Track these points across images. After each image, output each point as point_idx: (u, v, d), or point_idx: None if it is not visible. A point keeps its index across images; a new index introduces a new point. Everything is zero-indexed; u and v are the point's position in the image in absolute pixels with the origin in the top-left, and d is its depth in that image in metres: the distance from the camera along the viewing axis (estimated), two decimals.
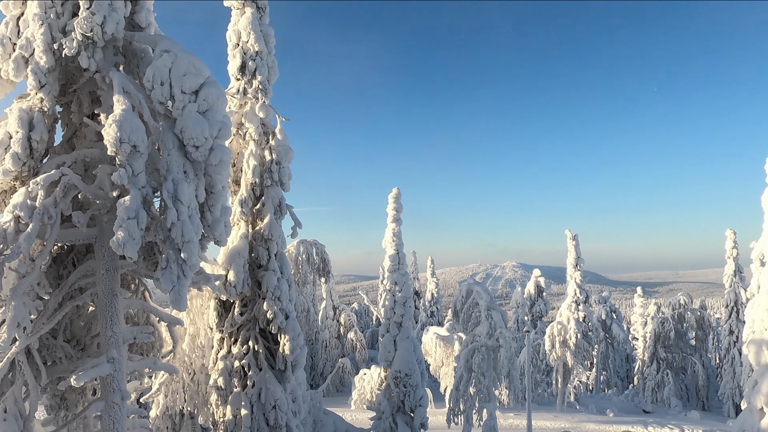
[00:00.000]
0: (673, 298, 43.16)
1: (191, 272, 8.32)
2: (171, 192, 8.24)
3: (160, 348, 11.52)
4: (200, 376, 14.60)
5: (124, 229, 7.78)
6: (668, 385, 39.16)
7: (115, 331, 9.38)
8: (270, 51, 14.04)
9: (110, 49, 9.14)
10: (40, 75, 8.53)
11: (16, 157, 8.56)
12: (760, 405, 12.23)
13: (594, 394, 46.06)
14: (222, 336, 13.93)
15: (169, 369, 10.82)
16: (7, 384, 9.02)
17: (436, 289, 53.62)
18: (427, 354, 32.85)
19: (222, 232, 9.18)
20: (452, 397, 22.16)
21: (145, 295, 11.27)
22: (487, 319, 22.28)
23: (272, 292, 13.32)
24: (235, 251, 13.38)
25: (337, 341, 44.18)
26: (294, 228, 14.07)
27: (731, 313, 37.36)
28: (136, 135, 8.03)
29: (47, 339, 9.88)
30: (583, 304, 36.12)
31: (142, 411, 13.63)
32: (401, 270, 20.53)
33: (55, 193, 8.35)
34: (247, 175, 13.64)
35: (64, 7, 8.63)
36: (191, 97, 8.52)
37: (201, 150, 8.53)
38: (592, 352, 38.77)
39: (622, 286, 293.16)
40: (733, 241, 37.13)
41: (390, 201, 21.08)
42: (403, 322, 20.14)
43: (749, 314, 13.29)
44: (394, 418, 19.45)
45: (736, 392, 35.63)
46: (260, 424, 13.16)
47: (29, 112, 8.73)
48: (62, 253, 10.15)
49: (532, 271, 46.80)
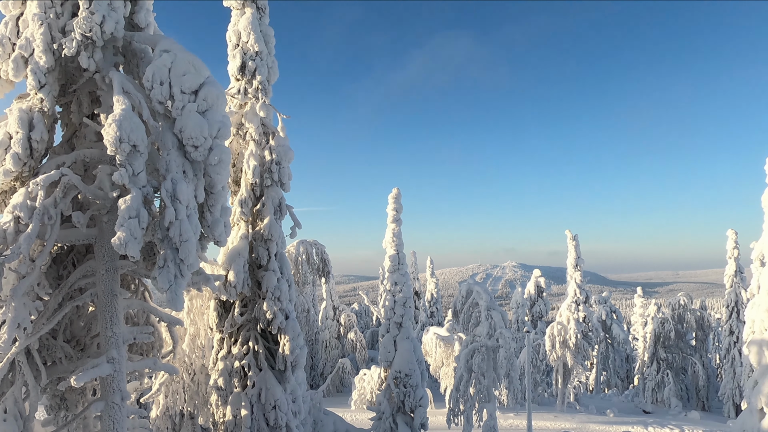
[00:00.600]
0: (673, 298, 43.12)
1: (189, 272, 8.31)
2: (170, 191, 8.24)
3: (160, 348, 11.51)
4: (200, 376, 14.60)
5: (126, 228, 7.78)
6: (668, 385, 39.15)
7: (115, 331, 9.38)
8: (270, 51, 14.05)
9: (110, 49, 9.14)
10: (39, 75, 8.53)
11: (16, 157, 8.56)
12: (760, 405, 12.22)
13: (594, 394, 46.06)
14: (222, 336, 13.93)
15: (169, 369, 10.82)
16: (7, 384, 9.01)
17: (435, 290, 53.62)
18: (427, 354, 32.86)
19: (221, 232, 9.18)
20: (452, 397, 22.16)
21: (145, 296, 11.27)
22: (487, 319, 22.28)
23: (272, 293, 13.32)
24: (235, 251, 13.38)
25: (337, 341, 44.17)
26: (293, 228, 14.07)
27: (732, 314, 37.33)
28: (136, 135, 8.03)
29: (47, 339, 9.88)
30: (583, 304, 36.12)
31: (142, 411, 13.63)
32: (401, 270, 20.53)
33: (55, 194, 8.35)
34: (247, 176, 13.64)
35: (64, 7, 8.63)
36: (191, 97, 8.51)
37: (200, 150, 8.53)
38: (592, 353, 38.75)
39: (622, 286, 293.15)
40: (734, 241, 37.10)
41: (390, 201, 21.08)
42: (403, 322, 20.14)
43: (749, 314, 13.28)
44: (394, 418, 19.44)
45: (737, 392, 35.61)
46: (260, 425, 13.16)
47: (29, 113, 8.73)
48: (62, 253, 10.15)
49: (532, 272, 46.78)
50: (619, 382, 47.59)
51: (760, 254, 13.78)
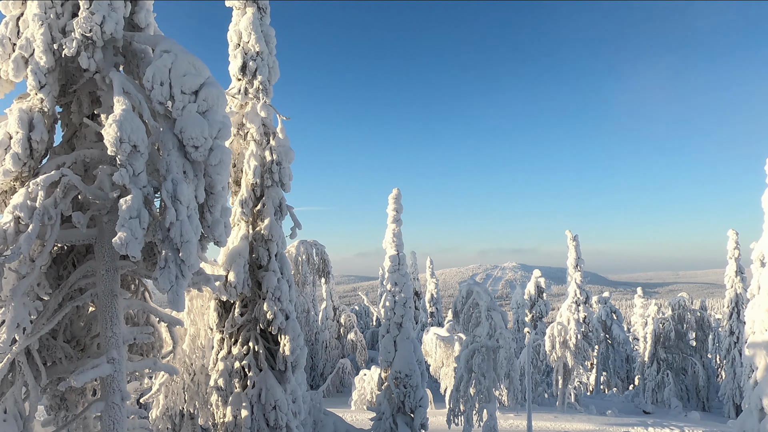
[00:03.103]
0: (673, 298, 43.12)
1: (190, 272, 8.31)
2: (170, 192, 8.24)
3: (160, 348, 11.51)
4: (200, 376, 14.60)
5: (126, 228, 7.78)
6: (668, 385, 39.15)
7: (115, 331, 9.38)
8: (271, 51, 14.06)
9: (110, 49, 9.14)
10: (39, 75, 8.53)
11: (16, 157, 8.56)
12: (760, 405, 12.23)
13: (594, 394, 46.05)
14: (222, 336, 13.92)
15: (169, 369, 10.82)
16: (7, 385, 9.01)
17: (435, 290, 53.63)
18: (427, 354, 32.84)
19: (222, 232, 9.18)
20: (452, 397, 22.15)
21: (145, 296, 11.27)
22: (488, 319, 22.27)
23: (272, 293, 13.32)
24: (235, 252, 13.37)
25: (337, 342, 44.16)
26: (293, 229, 14.06)
27: (732, 314, 37.33)
28: (136, 135, 8.03)
29: (47, 339, 9.88)
30: (583, 304, 36.11)
31: (142, 411, 13.65)
32: (401, 270, 20.53)
33: (55, 194, 8.34)
34: (248, 176, 13.64)
35: (64, 7, 8.63)
36: (191, 98, 8.52)
37: (200, 150, 8.53)
38: (592, 353, 38.75)
39: (623, 286, 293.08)
40: (735, 241, 37.10)
41: (390, 202, 21.07)
42: (403, 322, 20.14)
43: (749, 315, 13.29)
44: (395, 418, 19.44)
45: (737, 393, 35.61)
46: (260, 425, 13.15)
47: (29, 113, 8.73)
48: (62, 253, 10.15)
49: (532, 272, 46.74)
50: (619, 382, 47.59)
51: (761, 254, 13.78)
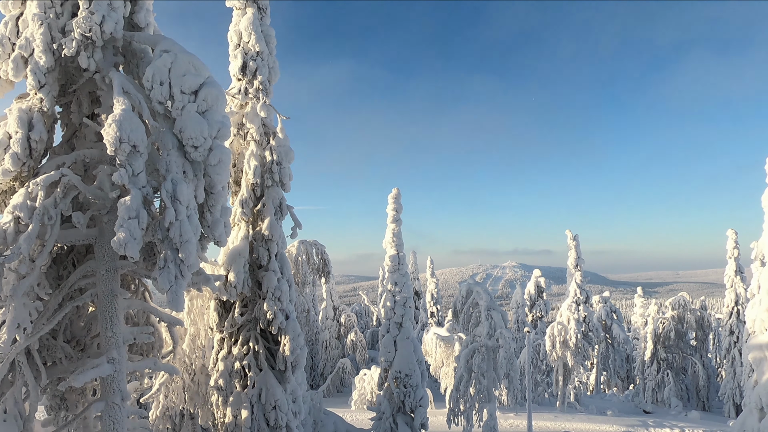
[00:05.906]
0: (673, 298, 43.11)
1: (189, 272, 8.32)
2: (170, 192, 8.24)
3: (160, 348, 11.51)
4: (200, 376, 14.59)
5: (126, 229, 7.78)
6: (668, 385, 39.14)
7: (115, 331, 9.38)
8: (271, 51, 14.06)
9: (110, 49, 9.14)
10: (39, 75, 8.52)
11: (15, 157, 8.55)
12: (760, 405, 12.23)
13: (594, 394, 46.03)
14: (222, 336, 13.92)
15: (169, 369, 10.82)
16: (7, 385, 9.01)
17: (436, 290, 53.59)
18: (427, 354, 32.83)
19: (222, 232, 9.18)
20: (452, 397, 22.17)
21: (145, 296, 11.27)
22: (487, 319, 22.28)
23: (272, 293, 13.32)
24: (235, 252, 13.37)
25: (337, 342, 44.16)
26: (294, 228, 14.07)
27: (732, 314, 37.32)
28: (136, 135, 8.03)
29: (47, 339, 9.88)
30: (583, 304, 36.11)
31: (142, 411, 13.64)
32: (401, 270, 20.52)
33: (55, 194, 8.34)
34: (248, 176, 13.64)
35: (64, 7, 8.63)
36: (191, 98, 8.51)
37: (200, 150, 8.53)
38: (592, 353, 38.74)
39: (623, 286, 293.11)
40: (734, 241, 37.09)
41: (390, 201, 21.06)
42: (404, 322, 20.13)
43: (749, 314, 13.29)
44: (395, 418, 19.44)
45: (737, 392, 35.58)
46: (260, 425, 13.16)
47: (29, 112, 8.72)
48: (62, 253, 10.15)
49: (532, 272, 46.72)
50: (619, 382, 47.56)
51: (760, 254, 13.79)
